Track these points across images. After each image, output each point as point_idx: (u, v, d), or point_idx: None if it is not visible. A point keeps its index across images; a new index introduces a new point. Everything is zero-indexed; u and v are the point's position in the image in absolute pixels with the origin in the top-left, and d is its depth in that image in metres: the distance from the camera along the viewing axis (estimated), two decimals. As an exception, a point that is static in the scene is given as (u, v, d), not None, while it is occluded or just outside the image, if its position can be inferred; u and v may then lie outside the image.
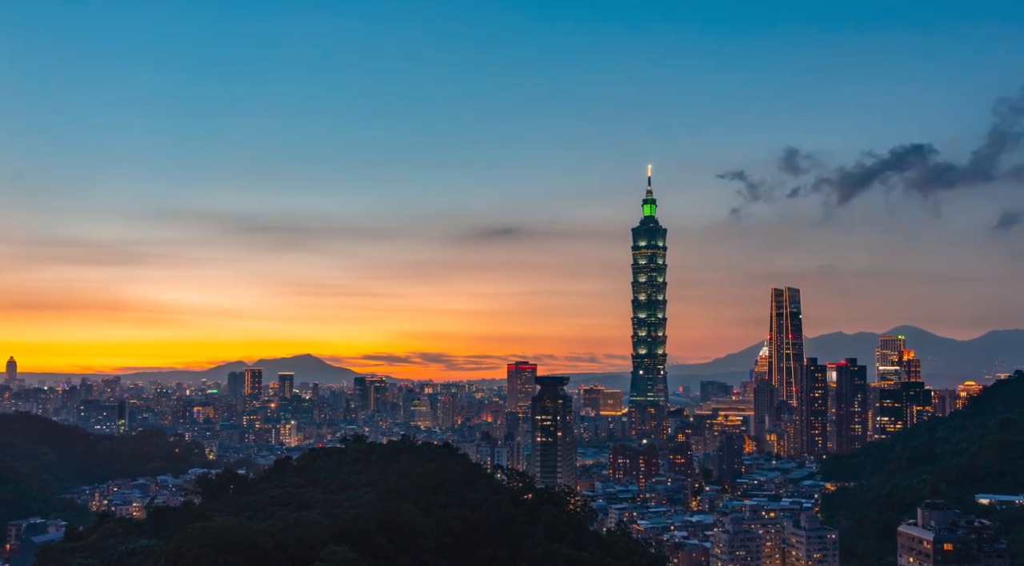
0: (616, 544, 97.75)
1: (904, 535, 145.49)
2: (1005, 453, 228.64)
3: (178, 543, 75.28)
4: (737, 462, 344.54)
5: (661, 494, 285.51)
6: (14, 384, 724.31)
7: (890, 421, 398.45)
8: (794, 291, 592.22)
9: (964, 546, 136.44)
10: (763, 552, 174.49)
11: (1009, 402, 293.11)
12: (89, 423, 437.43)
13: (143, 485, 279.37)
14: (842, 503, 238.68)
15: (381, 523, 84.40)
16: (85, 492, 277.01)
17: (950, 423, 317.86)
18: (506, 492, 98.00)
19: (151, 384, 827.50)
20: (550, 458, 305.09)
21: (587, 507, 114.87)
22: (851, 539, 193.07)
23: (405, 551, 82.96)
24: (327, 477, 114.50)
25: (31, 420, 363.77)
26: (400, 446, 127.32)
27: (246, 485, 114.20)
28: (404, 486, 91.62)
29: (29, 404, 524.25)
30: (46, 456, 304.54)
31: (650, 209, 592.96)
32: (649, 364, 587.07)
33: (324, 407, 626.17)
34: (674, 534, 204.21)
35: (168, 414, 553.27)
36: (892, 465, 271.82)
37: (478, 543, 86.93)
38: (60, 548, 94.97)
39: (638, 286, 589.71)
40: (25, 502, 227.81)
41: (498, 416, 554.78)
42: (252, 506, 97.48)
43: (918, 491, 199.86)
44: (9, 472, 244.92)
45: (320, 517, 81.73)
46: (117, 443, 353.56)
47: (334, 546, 74.44)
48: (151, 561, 77.12)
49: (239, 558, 72.06)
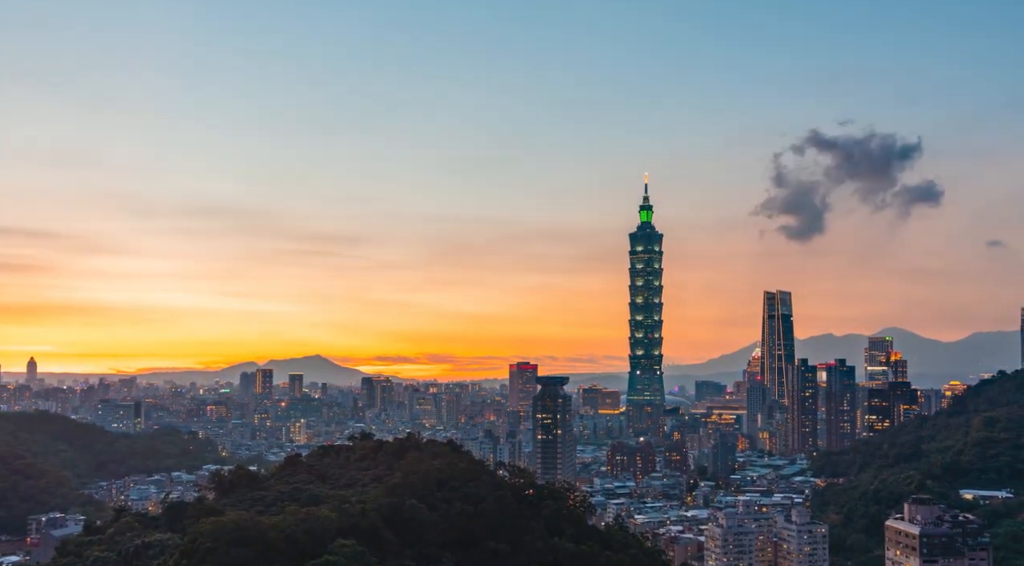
0: (614, 538, 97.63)
1: (891, 529, 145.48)
2: (988, 450, 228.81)
3: (192, 537, 75.24)
4: (731, 459, 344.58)
5: (657, 490, 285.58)
6: (34, 384, 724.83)
7: (878, 419, 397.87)
8: (785, 294, 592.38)
9: (949, 540, 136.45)
10: (756, 546, 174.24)
11: (992, 401, 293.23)
12: (106, 421, 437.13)
13: (158, 481, 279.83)
14: (832, 498, 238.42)
15: (387, 517, 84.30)
16: (103, 488, 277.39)
17: (935, 421, 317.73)
18: (508, 488, 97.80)
19: (166, 384, 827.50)
20: (550, 455, 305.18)
21: (586, 502, 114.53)
22: (840, 533, 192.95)
23: (411, 544, 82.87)
24: (335, 473, 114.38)
25: (51, 419, 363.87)
26: (406, 443, 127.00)
27: (257, 481, 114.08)
28: (410, 482, 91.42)
29: (49, 403, 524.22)
30: (65, 453, 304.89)
31: (647, 215, 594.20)
32: (646, 365, 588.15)
33: (332, 406, 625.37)
34: (670, 528, 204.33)
35: (182, 413, 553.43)
36: (880, 462, 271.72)
37: (481, 536, 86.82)
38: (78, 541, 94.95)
39: (635, 290, 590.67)
40: (45, 497, 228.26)
41: (500, 415, 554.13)
42: (263, 501, 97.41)
43: (905, 487, 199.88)
44: (30, 468, 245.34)
45: (329, 512, 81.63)
46: (133, 441, 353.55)
47: (342, 540, 74.39)
48: (166, 554, 77.08)
49: (250, 551, 72.02)
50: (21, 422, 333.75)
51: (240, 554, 71.39)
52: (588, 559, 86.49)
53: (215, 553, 71.09)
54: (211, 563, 70.64)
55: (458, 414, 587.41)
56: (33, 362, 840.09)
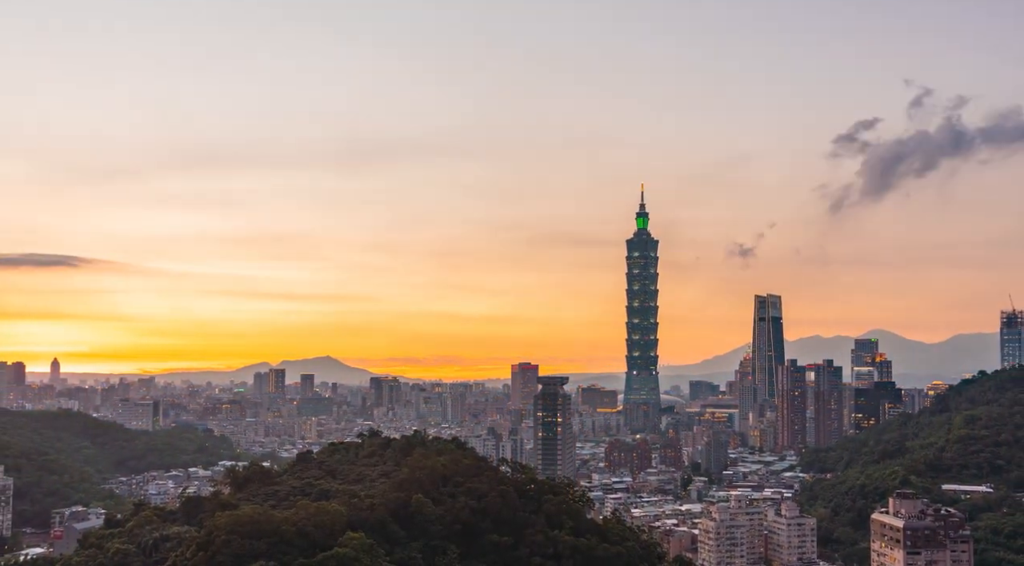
0: (612, 531, 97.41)
1: (877, 522, 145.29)
2: (969, 447, 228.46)
3: (208, 529, 75.40)
4: (723, 456, 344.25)
5: (653, 485, 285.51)
6: (58, 383, 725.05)
7: (864, 417, 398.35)
8: (775, 298, 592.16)
9: (932, 532, 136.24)
10: (747, 538, 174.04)
11: (973, 400, 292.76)
12: (126, 419, 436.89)
13: (176, 476, 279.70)
14: (820, 493, 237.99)
15: (395, 511, 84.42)
16: (123, 483, 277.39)
17: (919, 419, 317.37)
18: (510, 483, 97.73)
19: (183, 383, 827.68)
20: (551, 451, 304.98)
21: (585, 497, 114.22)
22: (828, 526, 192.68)
23: (417, 537, 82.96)
24: (345, 469, 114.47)
25: (73, 417, 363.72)
26: (412, 441, 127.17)
27: (270, 477, 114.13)
28: (416, 477, 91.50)
29: (71, 402, 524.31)
30: (87, 450, 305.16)
31: (643, 222, 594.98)
32: (642, 365, 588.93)
33: (342, 405, 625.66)
34: (665, 522, 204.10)
35: (199, 411, 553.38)
36: (866, 458, 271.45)
37: (484, 529, 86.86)
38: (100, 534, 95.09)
39: (632, 293, 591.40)
40: (68, 492, 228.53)
41: (503, 413, 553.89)
42: (276, 496, 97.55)
43: (890, 482, 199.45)
44: (53, 464, 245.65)
45: (338, 506, 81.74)
46: (152, 438, 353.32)
47: (352, 532, 74.54)
48: (183, 546, 77.19)
49: (264, 544, 72.14)
50: (45, 420, 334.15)
51: (254, 546, 71.52)
52: (587, 551, 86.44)
53: (230, 545, 71.22)
54: (226, 555, 70.77)
55: (462, 412, 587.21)
56: (56, 362, 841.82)
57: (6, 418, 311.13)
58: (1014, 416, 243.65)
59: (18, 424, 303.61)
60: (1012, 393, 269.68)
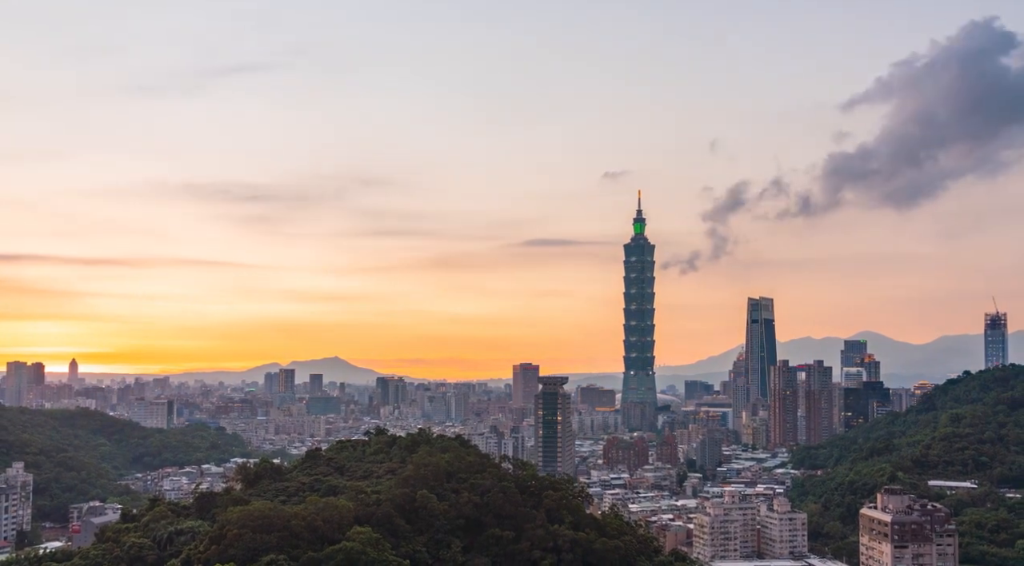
0: (610, 525, 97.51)
1: (865, 517, 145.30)
2: (954, 444, 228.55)
3: (220, 524, 75.53)
4: (717, 453, 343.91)
5: (650, 481, 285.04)
6: (75, 383, 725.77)
7: (853, 416, 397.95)
8: (768, 300, 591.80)
9: (918, 526, 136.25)
10: (741, 533, 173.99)
11: (958, 399, 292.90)
12: (142, 417, 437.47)
13: (189, 473, 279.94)
14: (811, 489, 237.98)
15: (401, 506, 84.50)
16: (138, 479, 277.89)
17: (906, 418, 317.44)
18: (512, 479, 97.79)
19: (196, 383, 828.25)
20: (551, 449, 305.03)
21: (584, 493, 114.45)
22: (819, 521, 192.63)
23: (422, 531, 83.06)
24: (352, 466, 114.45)
25: (91, 415, 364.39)
26: (417, 438, 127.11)
27: (280, 473, 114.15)
28: (421, 474, 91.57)
29: (89, 401, 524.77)
30: (104, 447, 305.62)
31: (639, 228, 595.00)
32: (639, 366, 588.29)
33: (350, 404, 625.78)
34: (662, 516, 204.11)
35: (212, 410, 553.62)
36: (855, 455, 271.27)
37: (487, 524, 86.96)
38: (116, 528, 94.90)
39: (629, 296, 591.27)
40: (85, 487, 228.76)
41: (505, 412, 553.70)
42: (286, 491, 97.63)
43: (878, 478, 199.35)
44: (71, 461, 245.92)
45: (346, 501, 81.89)
46: (166, 435, 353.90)
47: (359, 527, 74.74)
48: (197, 540, 77.29)
49: (274, 537, 72.28)
50: (63, 418, 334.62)
51: (265, 540, 71.67)
52: (586, 545, 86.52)
53: (242, 539, 71.36)
54: (238, 548, 70.90)
55: (466, 411, 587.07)
56: (74, 362, 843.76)
57: (26, 416, 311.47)
58: (997, 415, 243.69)
59: (37, 422, 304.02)
60: (995, 392, 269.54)
